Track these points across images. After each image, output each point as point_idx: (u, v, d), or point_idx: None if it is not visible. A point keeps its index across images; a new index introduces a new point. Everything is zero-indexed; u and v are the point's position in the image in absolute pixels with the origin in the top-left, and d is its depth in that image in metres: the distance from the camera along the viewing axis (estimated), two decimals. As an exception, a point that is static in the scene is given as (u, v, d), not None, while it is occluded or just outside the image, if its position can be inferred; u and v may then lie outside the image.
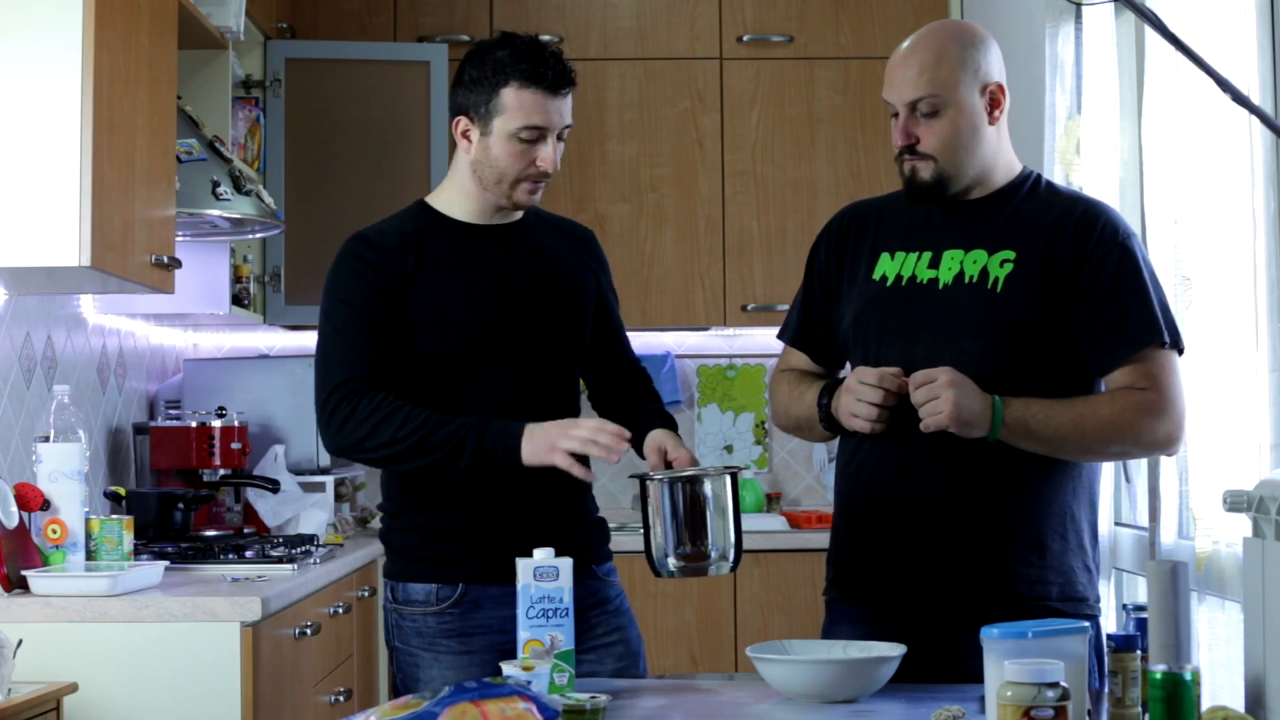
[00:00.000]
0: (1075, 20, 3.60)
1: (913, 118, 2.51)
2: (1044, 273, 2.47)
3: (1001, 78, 2.53)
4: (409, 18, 4.91)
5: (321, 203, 4.68)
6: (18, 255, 2.91)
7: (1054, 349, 2.48)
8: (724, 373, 5.17)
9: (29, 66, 2.90)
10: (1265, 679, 1.87)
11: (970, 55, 2.50)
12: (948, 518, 2.48)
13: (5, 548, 2.91)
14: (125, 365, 4.23)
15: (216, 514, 4.17)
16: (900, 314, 2.55)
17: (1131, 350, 2.45)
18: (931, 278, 2.53)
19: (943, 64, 2.49)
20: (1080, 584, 2.51)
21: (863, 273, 2.61)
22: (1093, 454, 2.51)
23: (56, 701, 2.65)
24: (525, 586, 2.29)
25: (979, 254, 2.51)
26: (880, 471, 2.53)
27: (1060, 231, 2.49)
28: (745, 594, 4.54)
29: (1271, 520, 1.89)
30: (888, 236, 2.61)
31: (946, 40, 2.52)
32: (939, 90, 2.49)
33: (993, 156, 2.54)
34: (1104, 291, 2.46)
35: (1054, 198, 2.57)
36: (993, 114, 2.52)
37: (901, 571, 2.51)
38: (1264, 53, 2.73)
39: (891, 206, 2.63)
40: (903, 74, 2.52)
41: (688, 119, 4.93)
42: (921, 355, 2.49)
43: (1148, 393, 2.44)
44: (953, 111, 2.49)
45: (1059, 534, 2.49)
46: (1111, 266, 2.46)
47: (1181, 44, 2.10)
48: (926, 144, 2.51)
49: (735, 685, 2.39)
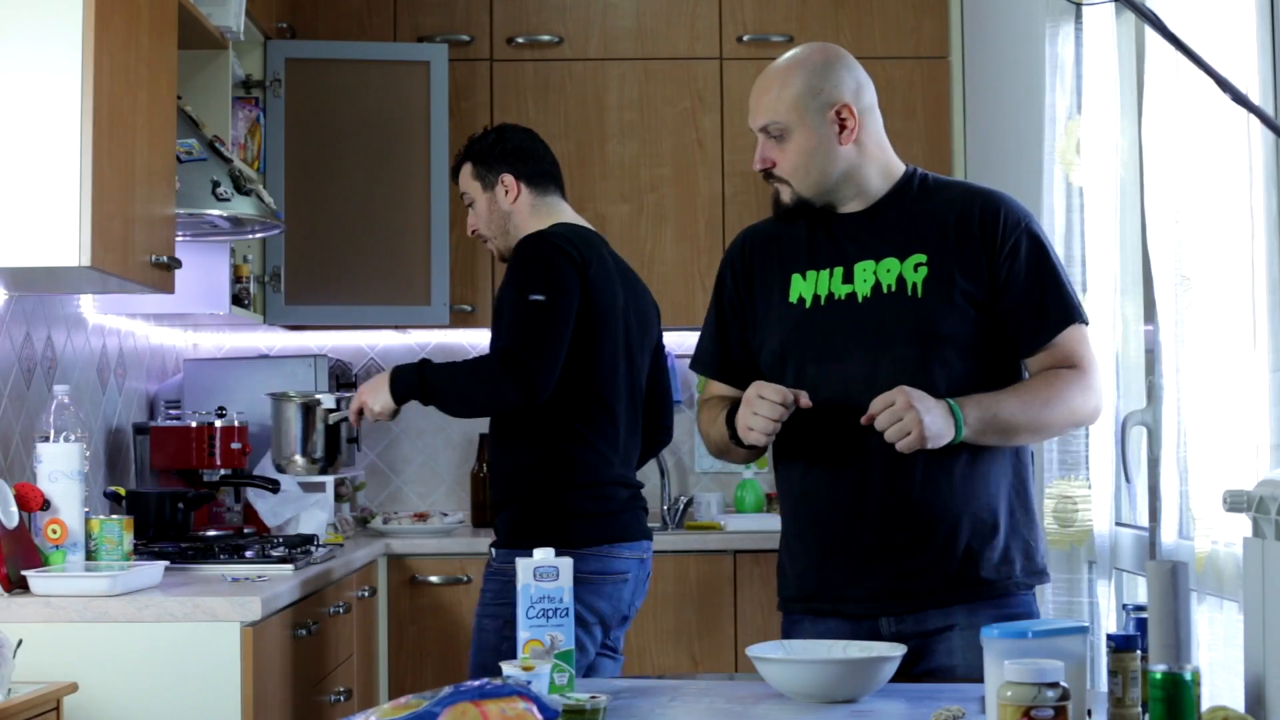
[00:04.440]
0: (1075, 20, 3.61)
1: (769, 142, 2.62)
2: (960, 271, 2.55)
3: (853, 98, 2.60)
4: (409, 18, 4.91)
5: (321, 203, 4.69)
6: (18, 255, 2.91)
7: (983, 342, 2.57)
8: (724, 373, 5.17)
9: (29, 66, 2.90)
10: (1265, 679, 1.87)
11: (813, 81, 2.59)
12: (908, 525, 2.54)
13: (5, 548, 2.91)
14: (125, 365, 4.24)
15: (216, 514, 4.18)
16: (825, 333, 2.59)
17: (1054, 332, 2.56)
18: (849, 292, 2.59)
19: (785, 90, 2.59)
20: (1039, 556, 2.62)
21: (776, 296, 2.66)
22: (1040, 435, 2.61)
23: (56, 701, 2.65)
24: (525, 586, 2.28)
25: (891, 262, 2.57)
26: (836, 492, 2.58)
27: (965, 228, 2.57)
28: (745, 594, 4.55)
29: (1271, 520, 1.89)
30: (793, 258, 2.66)
31: (793, 68, 2.61)
32: (780, 117, 2.60)
33: (856, 171, 2.61)
34: (1021, 280, 2.55)
35: (945, 192, 2.64)
36: (841, 135, 2.59)
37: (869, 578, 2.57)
38: (1264, 53, 2.73)
39: (791, 227, 2.69)
40: (754, 101, 2.64)
41: (688, 119, 4.93)
42: (856, 371, 2.55)
43: (1076, 370, 2.55)
44: (798, 136, 2.59)
45: (1009, 513, 2.58)
46: (1023, 254, 2.56)
47: (1181, 44, 2.11)
48: (780, 168, 2.62)
49: (735, 685, 2.39)
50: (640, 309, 3.56)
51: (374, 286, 3.61)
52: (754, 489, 5.01)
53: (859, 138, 2.60)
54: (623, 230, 4.90)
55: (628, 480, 3.44)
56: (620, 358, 3.43)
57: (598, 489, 3.36)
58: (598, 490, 3.36)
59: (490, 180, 3.52)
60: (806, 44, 2.70)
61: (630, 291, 3.54)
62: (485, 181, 3.53)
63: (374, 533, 4.58)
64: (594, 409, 3.37)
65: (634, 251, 4.90)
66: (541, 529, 3.27)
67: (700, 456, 5.15)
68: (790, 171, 2.61)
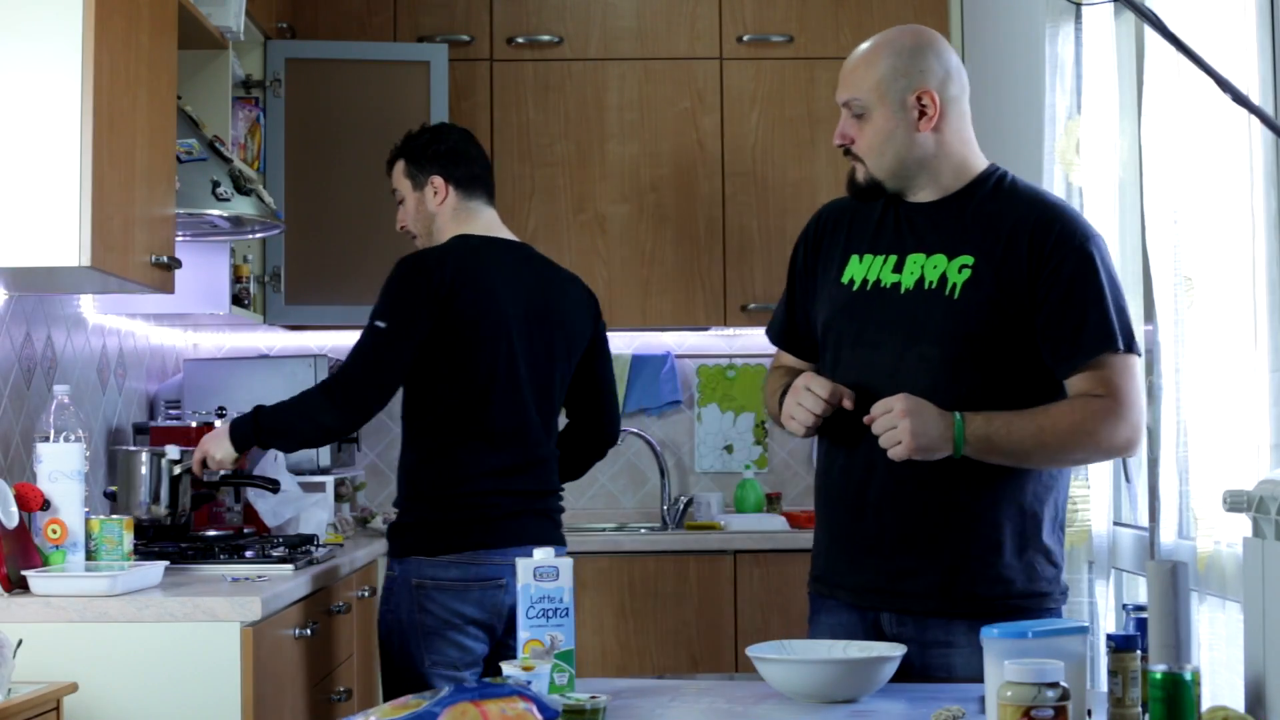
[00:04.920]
0: (1075, 20, 3.60)
1: (850, 119, 2.59)
2: (999, 280, 2.50)
3: (939, 86, 2.55)
4: (409, 18, 4.91)
5: (321, 203, 4.69)
6: (18, 255, 2.91)
7: (1013, 355, 2.51)
8: (724, 373, 5.17)
9: (29, 66, 2.89)
10: (1265, 679, 1.87)
11: (898, 63, 2.55)
12: (907, 519, 2.53)
13: (5, 548, 2.91)
14: (125, 365, 4.23)
15: (216, 514, 4.17)
16: (863, 319, 2.58)
17: (1088, 357, 2.47)
18: (894, 282, 2.57)
19: (870, 69, 2.56)
20: (1044, 579, 2.56)
21: (833, 274, 2.65)
22: (1055, 462, 2.55)
23: (56, 701, 2.65)
24: (525, 586, 2.28)
25: (939, 259, 2.54)
26: (847, 475, 2.59)
27: (1016, 237, 2.51)
28: (745, 594, 4.55)
29: (1271, 520, 1.89)
30: (859, 238, 2.64)
31: (881, 47, 2.58)
32: (861, 95, 2.57)
33: (932, 160, 2.57)
34: (1059, 298, 2.48)
35: (1013, 199, 2.58)
36: (920, 121, 2.54)
37: (866, 568, 2.57)
38: (1264, 53, 2.73)
39: (866, 206, 2.66)
40: (842, 74, 2.61)
41: (688, 119, 4.93)
42: (884, 362, 2.54)
43: (1105, 399, 2.46)
44: (877, 116, 2.56)
45: (1018, 532, 2.53)
46: (1066, 273, 2.48)
47: (1181, 44, 2.11)
48: (857, 146, 2.59)
49: (735, 685, 2.39)
50: (558, 314, 3.55)
51: (374, 286, 3.61)
52: (754, 489, 5.01)
53: (938, 126, 2.55)
54: (623, 230, 4.90)
55: (514, 489, 3.44)
56: (512, 368, 3.45)
57: (473, 498, 3.41)
58: (474, 499, 3.41)
59: (420, 180, 3.58)
60: (904, 25, 2.65)
61: (542, 298, 3.53)
62: (415, 181, 3.59)
63: (374, 533, 4.57)
64: (471, 421, 3.42)
65: (634, 251, 4.91)
66: (405, 538, 3.45)
67: (700, 457, 5.15)
68: (865, 151, 2.58)
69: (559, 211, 4.92)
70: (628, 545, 4.60)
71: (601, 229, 4.92)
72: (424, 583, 3.37)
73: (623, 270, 4.90)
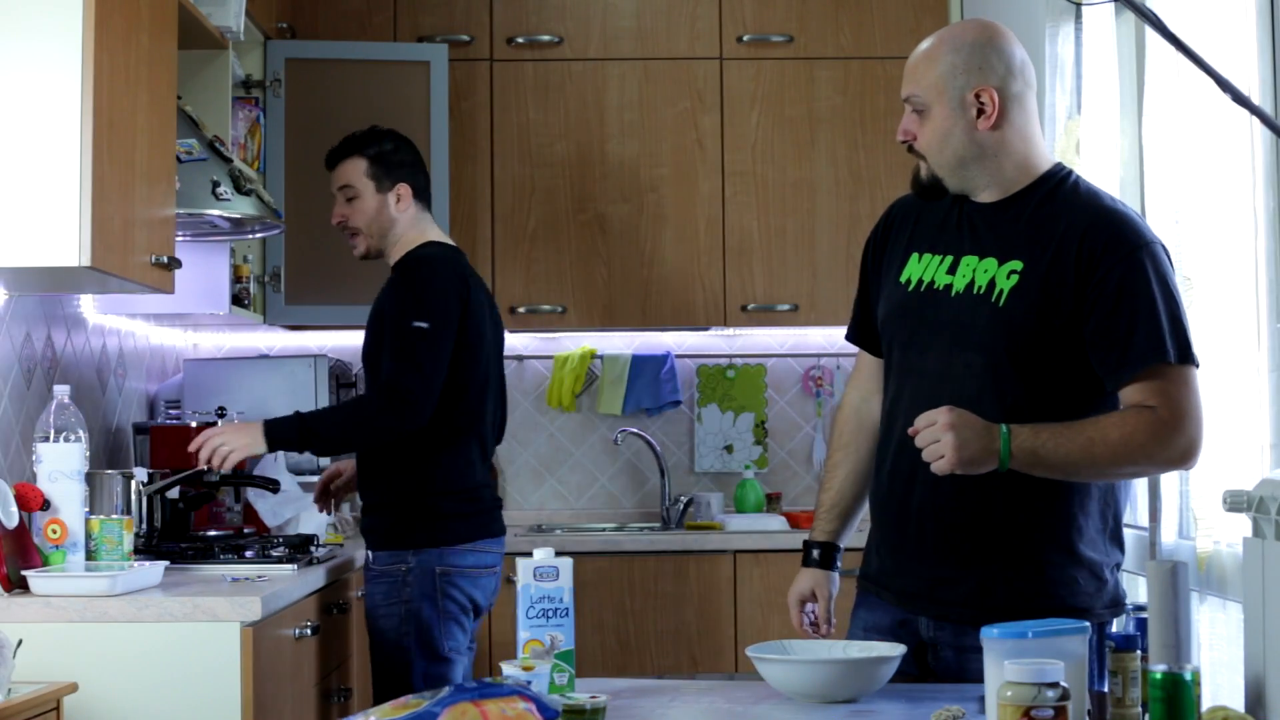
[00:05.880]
0: (1075, 20, 3.61)
1: (912, 115, 2.53)
2: (1046, 287, 2.43)
3: (1000, 82, 2.47)
4: (409, 18, 4.91)
5: (321, 203, 4.65)
6: (18, 255, 2.91)
7: (1060, 365, 2.44)
8: (724, 373, 5.17)
9: (29, 66, 2.90)
10: (1265, 679, 1.87)
11: (958, 59, 2.47)
12: (946, 528, 2.49)
13: (5, 548, 2.91)
14: (125, 365, 4.23)
15: (216, 514, 4.17)
16: (915, 321, 2.55)
17: (1137, 368, 2.38)
18: (947, 284, 2.52)
19: (931, 65, 2.50)
20: (1085, 594, 2.47)
21: (895, 272, 2.61)
22: (1106, 476, 2.45)
23: (56, 701, 2.65)
24: (525, 586, 2.28)
25: (990, 263, 2.48)
26: (893, 479, 2.56)
27: (1066, 242, 2.43)
28: (745, 594, 4.54)
29: (1271, 520, 1.89)
30: (921, 236, 2.59)
31: (944, 42, 2.51)
32: (921, 91, 2.50)
33: (991, 159, 2.49)
34: (1108, 307, 2.39)
35: (1069, 202, 2.49)
36: (979, 119, 2.47)
37: (908, 572, 2.54)
38: (1264, 53, 2.73)
39: (934, 204, 2.60)
40: (906, 70, 2.55)
41: (688, 119, 4.93)
42: (934, 367, 2.50)
43: (1157, 411, 2.36)
44: (936, 113, 2.49)
45: (1058, 546, 2.46)
46: (1115, 280, 2.39)
47: (1181, 44, 2.10)
48: (919, 143, 2.53)
49: (735, 685, 2.39)
50: (495, 318, 3.76)
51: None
52: (754, 489, 5.01)
53: (999, 124, 2.47)
54: (623, 230, 4.90)
55: (489, 482, 3.70)
56: (490, 371, 3.67)
57: (468, 492, 3.59)
58: (468, 493, 3.59)
59: (385, 184, 3.68)
60: (969, 19, 2.59)
61: (491, 304, 3.75)
62: (380, 184, 3.68)
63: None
64: (467, 420, 3.59)
65: (634, 251, 4.90)
66: (419, 530, 3.53)
67: (700, 456, 5.15)
68: (925, 148, 2.51)
69: (559, 211, 4.92)
70: (628, 545, 4.60)
71: (602, 229, 4.92)
72: (448, 569, 3.51)
73: (622, 270, 4.90)
